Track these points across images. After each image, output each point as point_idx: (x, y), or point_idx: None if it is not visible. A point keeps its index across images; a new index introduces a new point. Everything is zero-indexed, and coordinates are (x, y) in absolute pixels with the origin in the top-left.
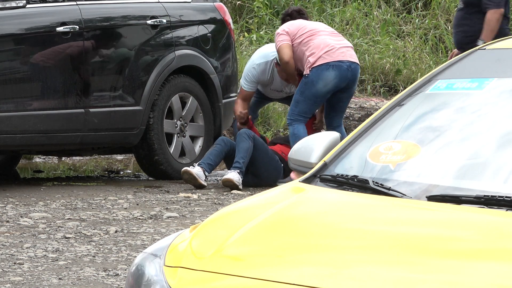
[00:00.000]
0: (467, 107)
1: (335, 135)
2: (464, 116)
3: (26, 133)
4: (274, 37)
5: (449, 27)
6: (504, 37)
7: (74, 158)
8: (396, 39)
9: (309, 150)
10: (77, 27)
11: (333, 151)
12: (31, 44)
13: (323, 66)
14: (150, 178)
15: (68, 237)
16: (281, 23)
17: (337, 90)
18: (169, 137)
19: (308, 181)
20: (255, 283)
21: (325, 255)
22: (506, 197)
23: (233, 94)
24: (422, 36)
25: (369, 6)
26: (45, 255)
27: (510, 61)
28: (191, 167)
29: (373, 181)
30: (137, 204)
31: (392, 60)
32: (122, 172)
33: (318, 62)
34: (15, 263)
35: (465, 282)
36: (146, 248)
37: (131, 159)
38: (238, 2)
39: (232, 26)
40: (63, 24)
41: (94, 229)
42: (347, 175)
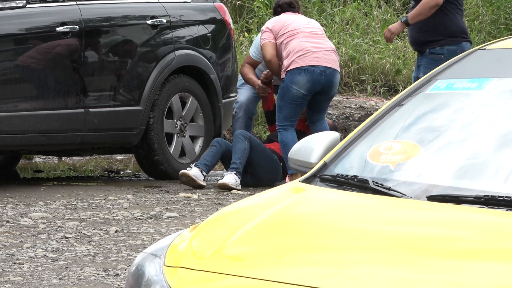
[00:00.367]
0: (467, 107)
1: (335, 135)
2: (464, 116)
3: (26, 133)
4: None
5: None
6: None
7: (74, 158)
8: (396, 39)
9: (309, 150)
10: (77, 27)
11: (333, 151)
12: (31, 44)
13: (296, 70)
14: (150, 178)
15: (68, 237)
16: (273, 15)
17: (316, 92)
18: (169, 137)
19: (308, 181)
20: (255, 283)
21: (325, 255)
22: (506, 197)
23: (233, 94)
24: None
25: (369, 6)
26: (45, 255)
27: (510, 61)
28: (188, 169)
29: (373, 181)
30: (137, 204)
31: (392, 60)
32: (122, 172)
33: (291, 66)
34: (15, 263)
35: (465, 282)
36: (146, 248)
37: (131, 159)
38: (238, 2)
39: (232, 26)
40: (63, 24)
41: (94, 229)
42: (347, 175)
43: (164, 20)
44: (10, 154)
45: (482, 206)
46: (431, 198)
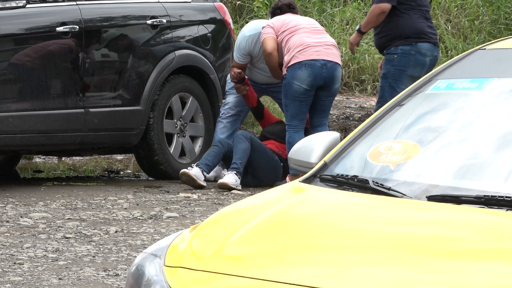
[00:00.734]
0: (467, 107)
1: (335, 135)
2: (464, 116)
3: (26, 133)
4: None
5: (449, 27)
6: (505, 37)
7: (74, 158)
8: None
9: (309, 150)
10: (77, 27)
11: (333, 151)
12: (31, 44)
13: (296, 65)
14: (150, 178)
15: (68, 237)
16: (271, 17)
17: (317, 88)
18: (169, 137)
19: (308, 181)
20: (255, 283)
21: (325, 255)
22: (506, 197)
23: None
24: None
25: (369, 6)
26: (45, 255)
27: (510, 61)
28: (189, 168)
29: (373, 181)
30: (137, 204)
31: None
32: (122, 172)
33: (292, 61)
34: (15, 263)
35: (465, 282)
36: (146, 248)
37: (131, 159)
38: (238, 2)
39: (232, 26)
40: (63, 24)
41: (94, 229)
42: (347, 175)
43: (164, 20)
44: (10, 154)
45: (482, 206)
46: (431, 198)
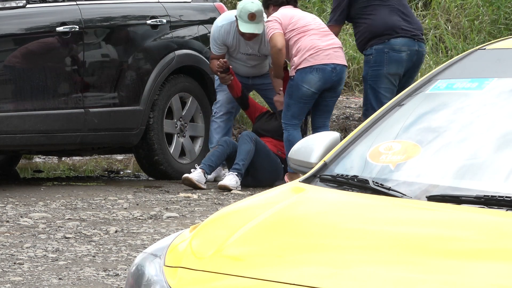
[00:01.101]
0: (467, 107)
1: (335, 135)
2: (464, 116)
3: (26, 133)
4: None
5: (449, 27)
6: (505, 37)
7: (74, 158)
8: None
9: (309, 150)
10: (77, 27)
11: (333, 151)
12: (31, 44)
13: (307, 69)
14: (150, 178)
15: (68, 237)
16: (273, 3)
17: (324, 90)
18: (169, 137)
19: (308, 181)
20: (255, 283)
21: (325, 255)
22: (506, 197)
23: None
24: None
25: None
26: (45, 255)
27: (510, 61)
28: (192, 171)
29: (373, 181)
30: (137, 204)
31: None
32: (122, 172)
33: (303, 65)
34: (15, 263)
35: (465, 282)
36: (146, 248)
37: (131, 159)
38: (238, 2)
39: None
40: (63, 24)
41: (94, 229)
42: (347, 175)
43: (164, 20)
44: (10, 154)
45: (482, 206)
46: (431, 198)
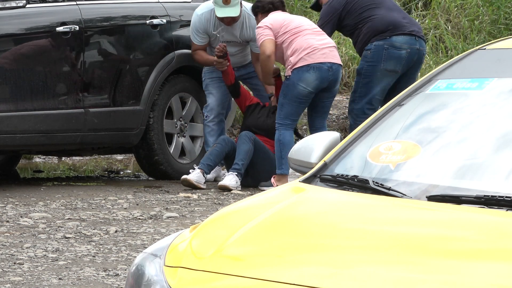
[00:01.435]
0: (467, 107)
1: (335, 135)
2: (464, 116)
3: (26, 133)
4: (255, 30)
5: (449, 27)
6: (505, 37)
7: (74, 158)
8: None
9: (309, 150)
10: (77, 27)
11: (333, 151)
12: (31, 44)
13: (304, 68)
14: (150, 178)
15: (68, 237)
16: (260, 10)
17: (321, 90)
18: (169, 137)
19: (308, 181)
20: (255, 283)
21: (325, 255)
22: (506, 197)
23: None
24: None
25: None
26: (45, 255)
27: (510, 61)
28: (191, 172)
29: (373, 181)
30: (137, 204)
31: None
32: (122, 172)
33: (299, 64)
34: (15, 263)
35: (465, 282)
36: (146, 248)
37: (131, 159)
38: None
39: None
40: (63, 24)
41: (94, 229)
42: (347, 175)
43: (164, 20)
44: (10, 154)
45: (482, 206)
46: (431, 198)
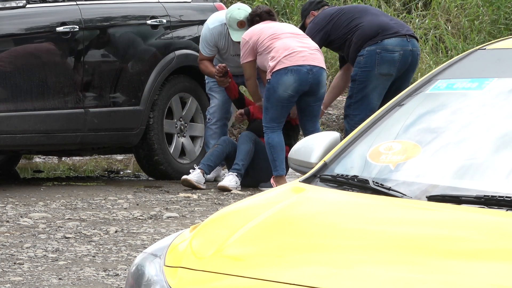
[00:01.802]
0: (467, 107)
1: (335, 135)
2: (464, 116)
3: (26, 133)
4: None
5: (449, 27)
6: (505, 37)
7: (74, 158)
8: None
9: (309, 150)
10: (77, 27)
11: (333, 151)
12: (31, 44)
13: (282, 71)
14: (150, 178)
15: (68, 237)
16: (249, 24)
17: (303, 94)
18: (169, 137)
19: (308, 181)
20: (255, 283)
21: (325, 255)
22: (506, 197)
23: None
24: (422, 36)
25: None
26: (45, 255)
27: (510, 61)
28: (191, 172)
29: (373, 181)
30: (137, 204)
31: None
32: (122, 172)
33: (277, 67)
34: (15, 263)
35: (465, 282)
36: (146, 248)
37: (131, 159)
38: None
39: None
40: (63, 24)
41: (94, 229)
42: (347, 175)
43: (164, 20)
44: (10, 154)
45: (482, 206)
46: (431, 198)
